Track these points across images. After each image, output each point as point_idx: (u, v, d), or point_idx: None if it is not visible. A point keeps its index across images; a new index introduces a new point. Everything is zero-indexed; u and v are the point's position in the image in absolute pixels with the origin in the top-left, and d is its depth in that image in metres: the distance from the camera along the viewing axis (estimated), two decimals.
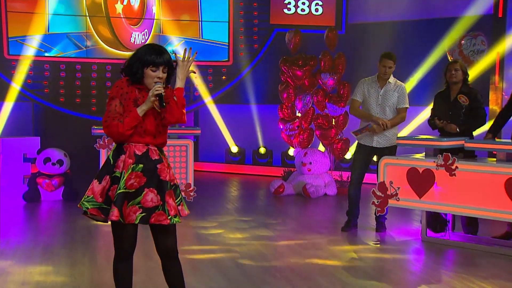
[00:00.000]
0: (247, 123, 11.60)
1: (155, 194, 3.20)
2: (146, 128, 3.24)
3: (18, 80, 10.82)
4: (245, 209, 7.55)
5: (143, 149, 3.24)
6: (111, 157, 3.28)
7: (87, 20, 11.09)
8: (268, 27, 11.51)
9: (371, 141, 6.05)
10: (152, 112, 3.24)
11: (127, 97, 3.24)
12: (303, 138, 9.16)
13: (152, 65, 3.20)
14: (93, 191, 3.23)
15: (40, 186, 7.82)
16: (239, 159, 11.43)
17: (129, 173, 3.19)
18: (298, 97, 9.19)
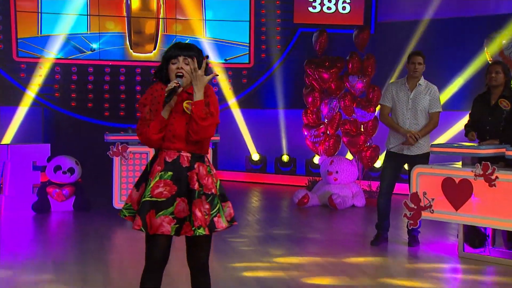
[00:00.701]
0: (269, 129, 11.58)
1: (186, 203, 3.24)
2: (176, 133, 3.27)
3: (27, 83, 10.93)
4: (267, 221, 7.53)
5: (174, 155, 3.28)
6: (149, 164, 3.37)
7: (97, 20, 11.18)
8: (292, 27, 11.51)
9: (402, 148, 6.00)
10: (184, 115, 3.28)
11: (157, 101, 3.31)
12: (329, 145, 9.13)
13: (172, 57, 3.32)
14: (131, 199, 3.33)
15: (50, 196, 7.88)
16: (260, 167, 11.42)
17: (156, 181, 3.24)
18: (324, 101, 9.17)
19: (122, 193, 7.39)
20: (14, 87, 10.87)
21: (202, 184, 3.27)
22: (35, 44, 11.00)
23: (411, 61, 5.98)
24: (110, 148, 7.43)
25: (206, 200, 3.26)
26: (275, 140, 11.49)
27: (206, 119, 3.20)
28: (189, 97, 3.29)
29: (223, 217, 3.33)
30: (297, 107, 10.58)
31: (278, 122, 11.62)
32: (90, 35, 11.18)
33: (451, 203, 5.53)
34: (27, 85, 10.92)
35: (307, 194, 8.53)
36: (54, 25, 10.98)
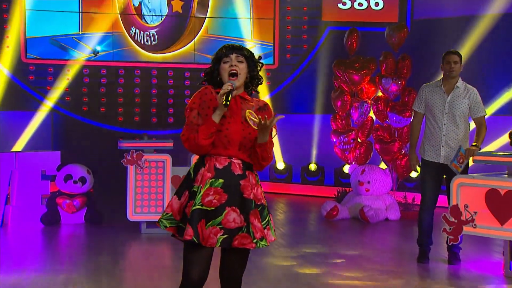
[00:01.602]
0: (295, 135, 11.54)
1: (238, 213, 3.25)
2: (231, 138, 3.31)
3: (36, 87, 11.04)
4: (293, 235, 7.50)
5: (225, 162, 3.32)
6: (192, 170, 3.39)
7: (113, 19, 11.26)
8: (320, 25, 11.48)
9: (438, 157, 5.94)
10: (239, 119, 3.33)
11: (207, 105, 3.35)
12: (360, 153, 9.10)
13: (223, 56, 3.39)
14: (172, 208, 3.34)
15: (60, 207, 7.93)
16: (285, 176, 11.39)
17: (206, 188, 3.27)
18: (354, 105, 9.14)
19: (137, 204, 7.41)
20: (22, 90, 10.97)
21: (253, 194, 3.32)
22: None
23: (446, 60, 5.91)
24: (124, 156, 7.46)
25: (257, 209, 3.32)
26: (301, 148, 11.46)
27: (268, 158, 3.37)
28: (244, 103, 3.38)
29: (272, 229, 3.39)
30: (325, 112, 10.56)
31: (305, 128, 11.58)
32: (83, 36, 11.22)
33: (496, 217, 5.45)
34: (35, 88, 11.03)
35: (336, 206, 8.49)
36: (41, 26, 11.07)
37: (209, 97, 3.36)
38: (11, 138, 10.77)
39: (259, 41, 11.57)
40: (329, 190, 10.42)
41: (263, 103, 3.47)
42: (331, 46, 10.98)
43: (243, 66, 3.39)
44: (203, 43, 11.38)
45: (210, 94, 3.37)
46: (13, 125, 10.90)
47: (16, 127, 10.90)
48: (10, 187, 7.77)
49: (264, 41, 11.60)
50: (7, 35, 10.91)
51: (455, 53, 5.95)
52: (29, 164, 7.86)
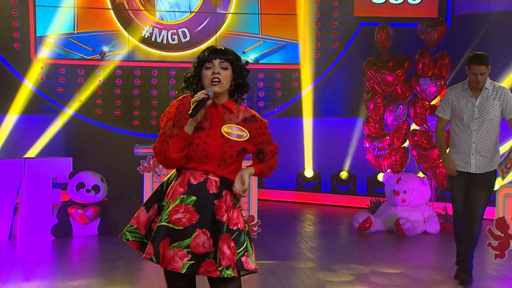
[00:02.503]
0: (324, 140, 11.51)
1: (208, 237, 3.17)
2: (209, 152, 3.23)
3: (48, 89, 11.11)
4: (323, 249, 7.47)
5: (200, 178, 3.24)
6: (165, 182, 3.34)
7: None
8: (352, 21, 11.43)
9: (468, 166, 5.85)
10: (221, 134, 3.25)
11: (183, 116, 3.26)
12: (396, 160, 9.05)
13: (206, 61, 3.30)
14: (138, 220, 3.31)
15: (72, 218, 7.97)
16: (314, 185, 11.36)
17: (176, 204, 3.19)
18: (389, 108, 9.09)
19: None
20: (31, 92, 11.04)
21: (228, 217, 3.22)
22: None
23: (472, 71, 5.73)
24: (140, 162, 7.47)
25: (231, 237, 3.20)
26: (331, 154, 11.42)
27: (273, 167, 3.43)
28: (227, 113, 3.30)
29: (251, 257, 3.26)
30: (357, 115, 10.52)
31: (335, 133, 11.54)
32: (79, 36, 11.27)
33: None
34: (46, 90, 11.09)
35: (370, 217, 8.44)
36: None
37: (186, 107, 3.27)
38: (20, 143, 10.84)
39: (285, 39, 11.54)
40: (361, 200, 10.37)
41: (250, 114, 3.36)
42: (364, 43, 10.91)
43: (227, 73, 3.30)
44: (224, 40, 11.39)
45: (188, 104, 3.27)
46: (23, 130, 10.97)
47: (25, 131, 10.96)
48: (19, 196, 7.81)
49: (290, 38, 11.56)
50: (16, 33, 11.01)
51: (482, 62, 5.71)
52: (39, 171, 7.90)
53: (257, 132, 3.34)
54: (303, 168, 11.51)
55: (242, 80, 3.35)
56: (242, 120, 3.32)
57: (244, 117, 3.34)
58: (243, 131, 3.29)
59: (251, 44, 11.44)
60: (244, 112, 3.37)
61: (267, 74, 11.49)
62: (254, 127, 3.34)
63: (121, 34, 11.30)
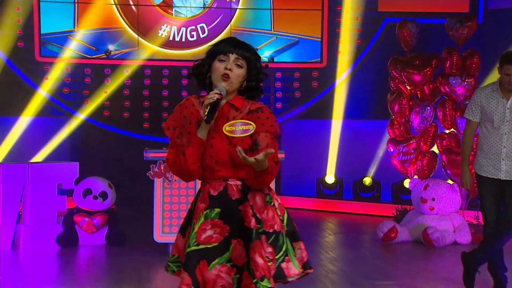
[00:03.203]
0: (346, 144, 11.50)
1: (242, 247, 3.09)
2: (219, 157, 3.13)
3: (52, 89, 11.15)
4: (345, 260, 7.44)
5: (219, 186, 3.16)
6: (193, 202, 3.25)
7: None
8: (376, 16, 11.40)
9: (498, 172, 5.80)
10: (226, 136, 3.14)
11: (188, 121, 3.17)
12: (423, 165, 9.00)
13: (220, 52, 3.19)
14: (178, 249, 3.22)
15: (78, 226, 7.98)
16: (335, 192, 11.35)
17: (201, 223, 3.11)
18: (415, 109, 9.06)
19: (164, 223, 7.41)
20: (35, 93, 11.08)
21: (261, 220, 3.12)
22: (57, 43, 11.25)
23: (505, 72, 5.68)
24: (151, 167, 7.47)
25: (267, 240, 3.10)
26: (353, 159, 11.41)
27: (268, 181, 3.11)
28: (232, 110, 3.17)
29: (294, 261, 3.17)
30: (381, 117, 10.48)
31: (358, 136, 11.54)
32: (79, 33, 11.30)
33: None
34: (51, 90, 11.13)
35: (395, 227, 8.40)
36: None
37: (190, 110, 3.19)
38: (24, 147, 10.89)
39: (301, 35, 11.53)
40: (386, 208, 10.33)
41: (255, 106, 3.22)
42: (389, 41, 10.88)
43: (240, 72, 3.19)
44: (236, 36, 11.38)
45: (191, 107, 3.20)
46: (26, 133, 11.02)
47: (29, 135, 11.02)
48: (22, 203, 7.84)
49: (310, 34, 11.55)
50: (19, 30, 11.06)
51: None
52: (43, 177, 7.92)
53: (259, 122, 3.15)
54: (324, 174, 11.49)
55: (255, 84, 3.24)
56: (246, 114, 3.20)
57: (249, 110, 3.21)
58: (248, 124, 3.14)
59: (263, 41, 11.45)
60: (250, 105, 3.23)
61: (285, 73, 11.49)
62: (257, 116, 3.17)
63: (125, 31, 11.32)
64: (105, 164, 10.56)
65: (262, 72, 3.26)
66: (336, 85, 11.58)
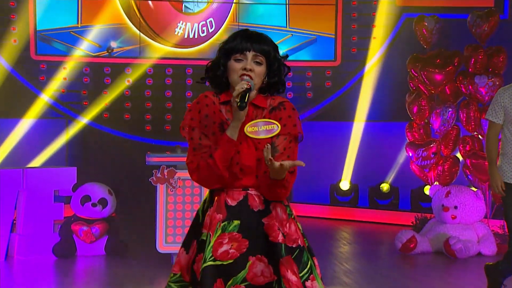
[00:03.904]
0: (362, 148, 11.50)
1: (266, 264, 3.02)
2: (243, 164, 3.05)
3: (49, 89, 11.17)
4: (361, 272, 7.43)
5: (239, 196, 3.08)
6: (200, 211, 3.17)
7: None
8: (394, 12, 11.39)
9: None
10: (252, 140, 3.07)
11: (211, 121, 3.10)
12: (444, 171, 9.00)
13: (236, 51, 3.10)
14: (180, 266, 3.13)
15: (76, 236, 7.98)
16: (350, 199, 11.35)
17: (218, 236, 3.02)
18: (435, 111, 9.05)
19: (168, 233, 7.40)
20: (31, 93, 11.10)
21: (284, 234, 3.06)
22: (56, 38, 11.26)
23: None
24: (153, 173, 7.47)
25: (292, 256, 3.03)
26: (370, 163, 11.42)
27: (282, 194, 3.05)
28: (256, 111, 3.11)
29: (318, 279, 3.10)
30: (398, 120, 10.47)
31: (374, 140, 11.54)
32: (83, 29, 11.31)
33: None
34: (47, 91, 11.15)
35: (414, 236, 8.38)
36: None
37: (212, 109, 3.11)
38: (19, 151, 10.91)
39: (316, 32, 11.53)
40: (405, 216, 10.33)
41: (277, 102, 3.16)
42: (408, 37, 10.86)
43: (261, 69, 3.12)
44: None
45: (212, 105, 3.12)
46: (21, 136, 11.04)
47: (24, 138, 11.03)
48: (17, 211, 7.85)
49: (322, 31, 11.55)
50: (13, 26, 11.08)
51: None
52: (39, 183, 7.93)
53: (281, 123, 3.08)
54: (338, 180, 11.50)
55: (278, 79, 3.18)
56: (268, 112, 3.14)
57: (271, 107, 3.16)
58: (272, 124, 3.05)
59: (277, 38, 11.43)
60: (272, 101, 3.17)
61: (296, 72, 11.48)
62: (279, 117, 3.11)
63: (128, 27, 11.33)
64: (105, 169, 10.56)
65: (283, 64, 3.19)
66: (351, 85, 11.56)
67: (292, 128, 3.13)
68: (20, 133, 11.03)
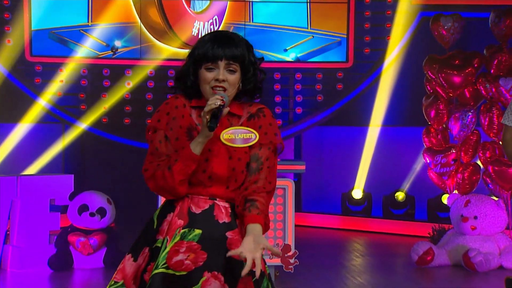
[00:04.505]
0: (376, 154, 11.50)
1: (222, 282, 2.93)
2: (213, 173, 3.00)
3: (44, 92, 11.16)
4: (375, 287, 7.43)
5: (205, 204, 3.01)
6: (156, 217, 3.10)
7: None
8: (410, 9, 11.35)
9: None
10: (226, 148, 3.02)
11: (178, 124, 3.05)
12: (464, 179, 9.00)
13: (207, 59, 3.02)
14: (123, 274, 3.07)
15: (73, 247, 7.97)
16: (363, 208, 11.36)
17: (175, 242, 2.96)
18: (454, 115, 9.05)
19: None
20: (25, 96, 11.09)
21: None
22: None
23: None
24: None
25: (252, 279, 2.95)
26: (384, 171, 11.43)
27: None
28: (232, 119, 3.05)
29: None
30: (415, 124, 10.48)
31: (389, 146, 11.56)
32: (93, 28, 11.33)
33: None
34: (43, 94, 11.14)
35: (432, 248, 8.37)
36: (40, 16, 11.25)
37: (181, 112, 3.06)
38: (11, 157, 10.92)
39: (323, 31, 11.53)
40: (421, 227, 10.34)
41: (256, 108, 3.09)
42: (425, 37, 10.85)
43: (235, 77, 3.03)
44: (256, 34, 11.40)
45: (182, 108, 3.06)
46: (14, 142, 11.04)
47: (17, 143, 11.04)
48: (10, 221, 7.85)
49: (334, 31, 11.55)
50: (7, 26, 11.09)
51: None
52: (34, 191, 7.93)
53: (261, 131, 3.04)
54: (350, 188, 11.49)
55: (254, 85, 3.10)
56: (246, 119, 3.08)
57: (249, 114, 3.09)
58: (250, 132, 3.02)
59: (296, 40, 11.44)
60: (249, 108, 3.11)
61: (306, 74, 11.47)
62: (259, 124, 3.06)
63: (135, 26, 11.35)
64: (104, 177, 10.57)
65: (259, 69, 3.11)
66: (364, 88, 11.53)
67: (274, 137, 3.08)
68: (13, 139, 11.04)
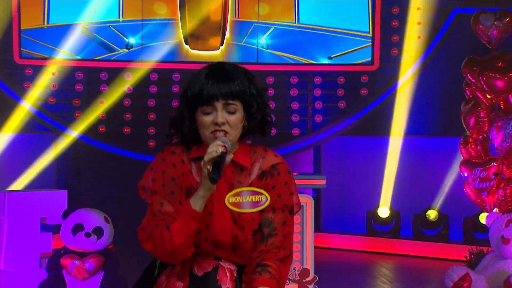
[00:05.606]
0: (405, 167, 11.48)
1: None
2: (217, 239, 2.97)
3: (34, 98, 11.17)
4: None
5: (208, 266, 3.00)
6: (158, 262, 3.13)
7: None
8: (443, 7, 11.40)
9: None
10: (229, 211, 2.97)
11: (176, 183, 3.00)
12: (506, 195, 8.96)
13: (202, 102, 2.94)
14: None
15: (67, 271, 7.93)
16: (391, 228, 11.37)
17: None
18: (496, 124, 9.03)
19: None
20: (13, 102, 11.12)
21: None
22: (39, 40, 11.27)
23: None
24: None
25: None
26: (414, 186, 11.46)
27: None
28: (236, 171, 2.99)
29: None
30: (451, 134, 10.46)
31: (421, 158, 11.58)
32: (124, 24, 11.36)
33: None
34: (33, 100, 11.16)
35: (468, 274, 8.27)
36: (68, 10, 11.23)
37: (180, 170, 3.00)
38: (0, 171, 10.95)
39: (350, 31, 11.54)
40: (456, 249, 10.28)
41: (269, 163, 3.01)
42: (462, 36, 10.85)
43: (236, 117, 2.94)
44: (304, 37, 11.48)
45: (180, 165, 3.01)
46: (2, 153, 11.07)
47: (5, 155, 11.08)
48: None
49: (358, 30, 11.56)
50: None
51: None
52: (22, 209, 7.90)
53: (275, 193, 2.99)
54: (376, 206, 11.50)
55: (260, 121, 3.02)
56: (257, 177, 3.01)
57: (260, 171, 3.02)
58: (259, 194, 2.97)
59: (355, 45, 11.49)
60: (261, 162, 3.03)
61: (326, 78, 11.51)
62: (272, 184, 3.00)
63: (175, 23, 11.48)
64: (101, 193, 10.57)
65: (263, 103, 3.01)
66: (391, 93, 11.54)
67: (289, 198, 3.04)
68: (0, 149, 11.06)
